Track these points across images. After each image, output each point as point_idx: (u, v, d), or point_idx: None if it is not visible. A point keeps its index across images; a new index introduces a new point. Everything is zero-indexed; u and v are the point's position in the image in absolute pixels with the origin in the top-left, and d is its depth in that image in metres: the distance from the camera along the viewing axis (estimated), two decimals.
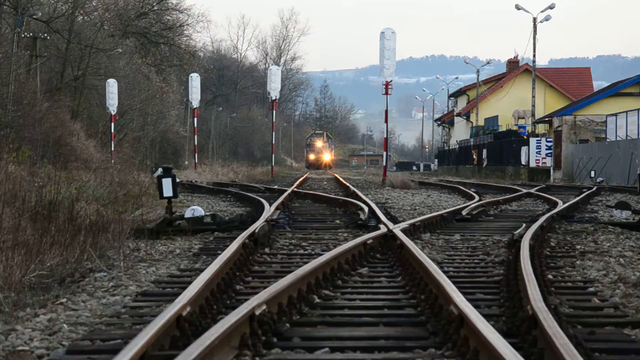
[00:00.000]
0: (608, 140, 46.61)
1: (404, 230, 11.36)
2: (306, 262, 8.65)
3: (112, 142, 43.17)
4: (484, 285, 8.41)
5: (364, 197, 20.82)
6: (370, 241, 10.57)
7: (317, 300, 7.45)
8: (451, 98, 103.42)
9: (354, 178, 41.52)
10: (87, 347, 5.98)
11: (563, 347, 4.86)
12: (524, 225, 12.68)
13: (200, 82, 52.26)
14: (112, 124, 44.27)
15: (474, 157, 70.69)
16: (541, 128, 59.58)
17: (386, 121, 40.49)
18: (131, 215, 15.05)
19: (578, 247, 12.05)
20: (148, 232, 13.35)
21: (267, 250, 11.24)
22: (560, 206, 18.28)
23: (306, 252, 11.23)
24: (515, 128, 65.70)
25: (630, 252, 11.69)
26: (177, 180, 15.04)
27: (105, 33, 49.48)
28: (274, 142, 53.80)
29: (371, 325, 6.61)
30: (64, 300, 7.91)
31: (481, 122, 76.37)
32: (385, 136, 43.03)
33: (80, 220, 12.02)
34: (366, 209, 16.11)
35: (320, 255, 9.34)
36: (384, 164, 43.17)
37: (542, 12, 56.25)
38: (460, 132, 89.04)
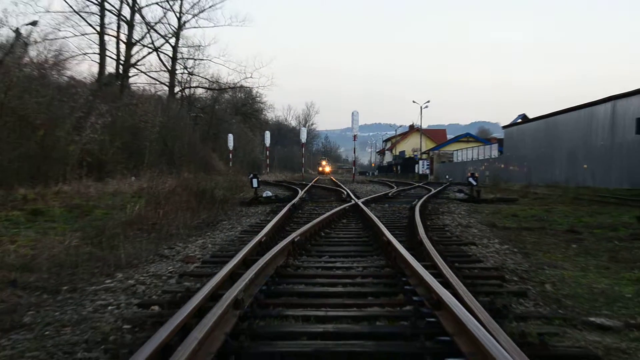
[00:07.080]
0: (454, 161, 46.57)
1: (362, 202, 11.36)
2: (318, 217, 8.67)
3: (230, 162, 42.97)
4: (399, 227, 8.39)
5: (344, 187, 20.78)
6: (347, 207, 10.57)
7: (322, 234, 7.46)
8: (384, 142, 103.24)
9: (340, 179, 41.26)
10: (220, 254, 6.01)
11: (435, 255, 4.87)
12: (417, 200, 12.67)
13: (270, 135, 52.20)
14: (230, 154, 44.15)
15: (394, 169, 70.24)
16: (424, 156, 59.21)
17: (354, 153, 40.29)
18: (238, 195, 15.06)
19: (440, 209, 12.03)
20: (246, 203, 13.38)
21: (300, 211, 11.24)
22: (432, 191, 18.23)
23: (318, 212, 11.22)
24: (413, 156, 65.28)
25: (464, 212, 11.68)
26: (259, 179, 15.04)
27: (227, 113, 49.34)
28: (303, 162, 53.82)
29: (347, 245, 6.62)
30: (209, 233, 7.94)
31: (397, 153, 75.98)
32: (354, 159, 42.96)
33: (216, 198, 12.04)
34: (345, 192, 16.09)
35: (324, 214, 9.35)
36: (353, 172, 43.05)
37: (424, 103, 56.17)
38: (388, 158, 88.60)
